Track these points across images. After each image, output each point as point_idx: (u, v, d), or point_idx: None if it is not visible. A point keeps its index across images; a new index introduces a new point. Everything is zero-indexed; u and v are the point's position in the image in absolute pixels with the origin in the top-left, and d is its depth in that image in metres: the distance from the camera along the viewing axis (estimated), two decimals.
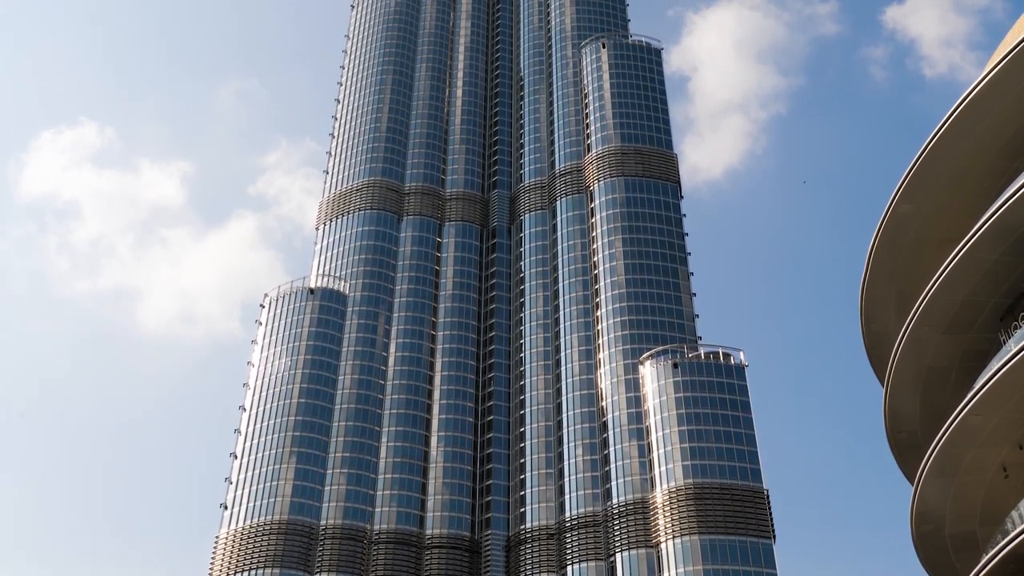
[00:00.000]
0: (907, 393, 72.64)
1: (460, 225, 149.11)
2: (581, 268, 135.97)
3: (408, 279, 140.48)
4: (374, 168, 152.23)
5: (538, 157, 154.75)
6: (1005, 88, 62.24)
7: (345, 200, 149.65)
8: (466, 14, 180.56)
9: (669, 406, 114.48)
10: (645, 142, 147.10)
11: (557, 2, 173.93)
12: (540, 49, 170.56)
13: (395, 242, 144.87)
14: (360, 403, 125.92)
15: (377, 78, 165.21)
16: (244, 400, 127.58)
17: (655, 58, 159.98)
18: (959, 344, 68.49)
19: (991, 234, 61.25)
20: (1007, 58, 60.66)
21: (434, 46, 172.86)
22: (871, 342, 79.90)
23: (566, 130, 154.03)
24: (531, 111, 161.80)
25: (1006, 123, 64.79)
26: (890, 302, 75.50)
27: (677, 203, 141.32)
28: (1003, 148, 66.39)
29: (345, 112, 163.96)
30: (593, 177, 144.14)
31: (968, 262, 62.84)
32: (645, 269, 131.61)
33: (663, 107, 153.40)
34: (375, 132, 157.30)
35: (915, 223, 70.70)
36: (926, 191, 68.81)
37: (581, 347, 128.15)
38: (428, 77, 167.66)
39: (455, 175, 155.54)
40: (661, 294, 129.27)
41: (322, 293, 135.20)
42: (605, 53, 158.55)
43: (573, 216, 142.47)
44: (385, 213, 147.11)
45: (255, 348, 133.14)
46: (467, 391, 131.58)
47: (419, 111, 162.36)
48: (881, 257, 73.09)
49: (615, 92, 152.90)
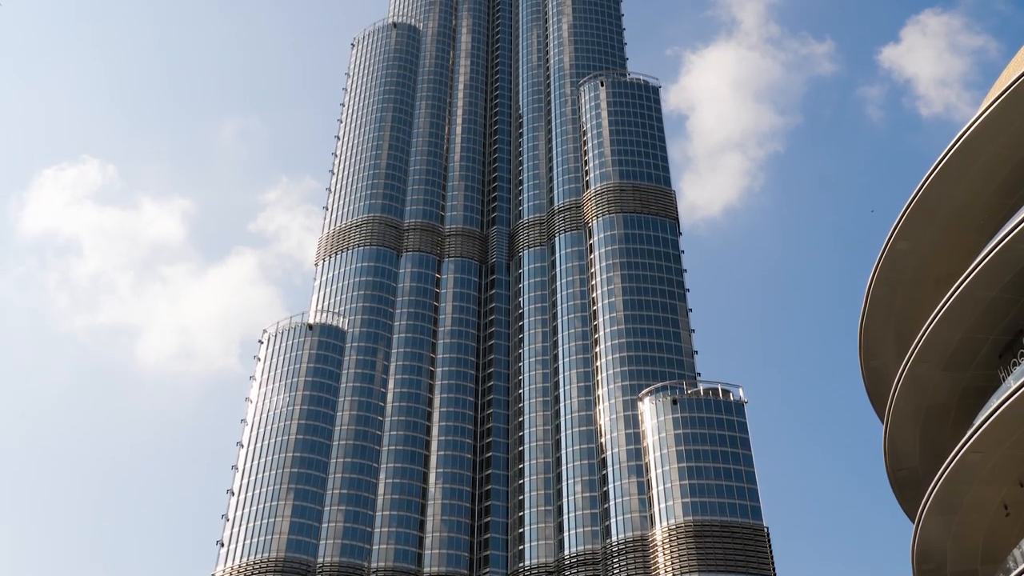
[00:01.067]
0: (907, 430, 72.43)
1: (459, 261, 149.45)
2: (580, 304, 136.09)
3: (407, 315, 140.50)
4: (374, 204, 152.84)
5: (537, 193, 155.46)
6: (1000, 127, 62.73)
7: (345, 236, 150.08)
8: (466, 52, 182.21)
9: (668, 443, 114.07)
10: (643, 179, 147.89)
11: (556, 41, 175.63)
12: (539, 87, 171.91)
13: (394, 278, 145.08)
14: (358, 439, 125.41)
15: (377, 115, 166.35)
16: (242, 436, 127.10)
17: (653, 96, 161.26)
18: (958, 381, 68.40)
19: (988, 271, 61.41)
20: (1001, 97, 61.22)
21: (434, 84, 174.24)
22: (870, 379, 79.79)
23: (565, 167, 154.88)
24: (530, 148, 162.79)
25: (1001, 161, 65.22)
26: (889, 339, 75.50)
27: (676, 239, 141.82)
28: (999, 186, 66.76)
29: (345, 149, 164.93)
30: (592, 213, 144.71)
31: (966, 299, 62.93)
32: (644, 305, 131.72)
33: (661, 144, 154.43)
34: (375, 169, 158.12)
35: (912, 260, 70.89)
36: (923, 229, 69.08)
37: (580, 383, 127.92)
38: (428, 114, 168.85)
39: (454, 211, 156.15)
40: (660, 330, 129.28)
41: (321, 329, 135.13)
42: (603, 91, 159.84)
43: (572, 252, 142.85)
44: (384, 249, 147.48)
45: (253, 384, 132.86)
46: (466, 427, 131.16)
47: (419, 148, 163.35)
48: (879, 294, 73.19)
49: (613, 129, 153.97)
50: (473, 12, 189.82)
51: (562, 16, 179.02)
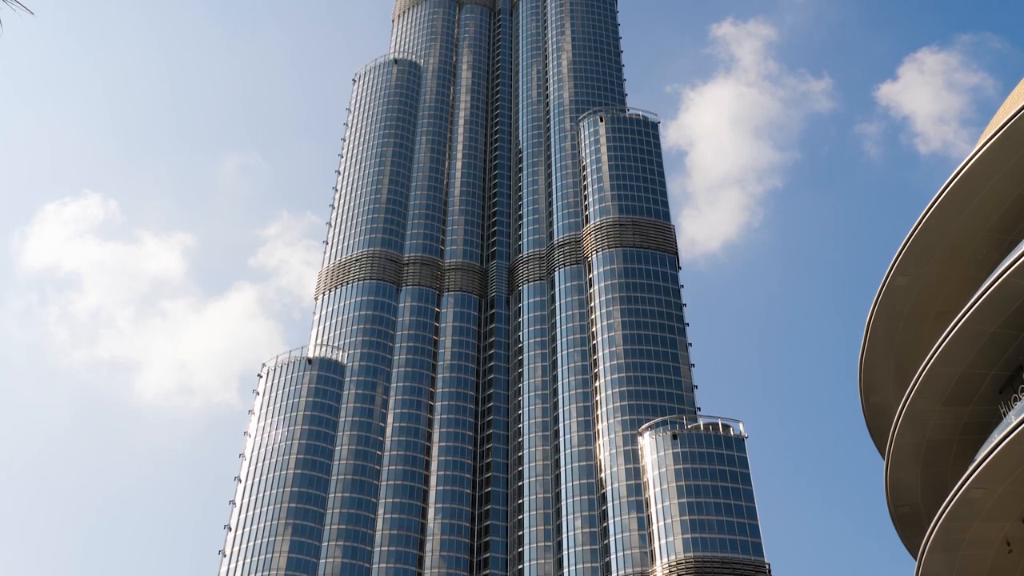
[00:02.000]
0: (908, 466, 72.15)
1: (459, 295, 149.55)
2: (579, 339, 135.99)
3: (406, 349, 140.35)
4: (374, 239, 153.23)
5: (536, 228, 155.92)
6: (997, 163, 63.13)
7: (344, 270, 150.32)
8: (466, 88, 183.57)
9: (668, 478, 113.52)
10: (643, 213, 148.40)
11: (556, 77, 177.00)
12: (539, 122, 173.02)
13: (394, 312, 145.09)
14: (357, 474, 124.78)
15: (378, 150, 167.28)
16: (240, 471, 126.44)
17: (652, 131, 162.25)
18: (959, 417, 68.24)
19: (988, 306, 61.48)
20: (998, 134, 61.68)
21: (434, 119, 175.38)
22: (871, 414, 79.61)
23: (564, 201, 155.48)
24: (530, 183, 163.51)
25: (999, 197, 65.55)
26: (889, 374, 75.42)
27: (675, 274, 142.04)
28: (997, 221, 67.04)
29: (346, 183, 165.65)
30: (591, 248, 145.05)
31: (965, 334, 62.95)
32: (643, 340, 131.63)
33: (660, 179, 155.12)
34: (375, 203, 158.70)
35: (912, 295, 71.02)
36: (922, 264, 69.27)
37: (580, 418, 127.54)
38: (428, 149, 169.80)
39: (454, 245, 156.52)
40: (660, 365, 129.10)
41: (320, 363, 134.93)
42: (603, 126, 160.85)
43: (571, 287, 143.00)
44: (384, 283, 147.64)
45: (252, 418, 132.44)
46: (465, 462, 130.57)
47: (419, 182, 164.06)
48: (878, 329, 73.23)
49: (613, 164, 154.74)
50: (473, 48, 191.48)
51: (562, 52, 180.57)
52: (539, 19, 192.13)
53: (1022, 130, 61.32)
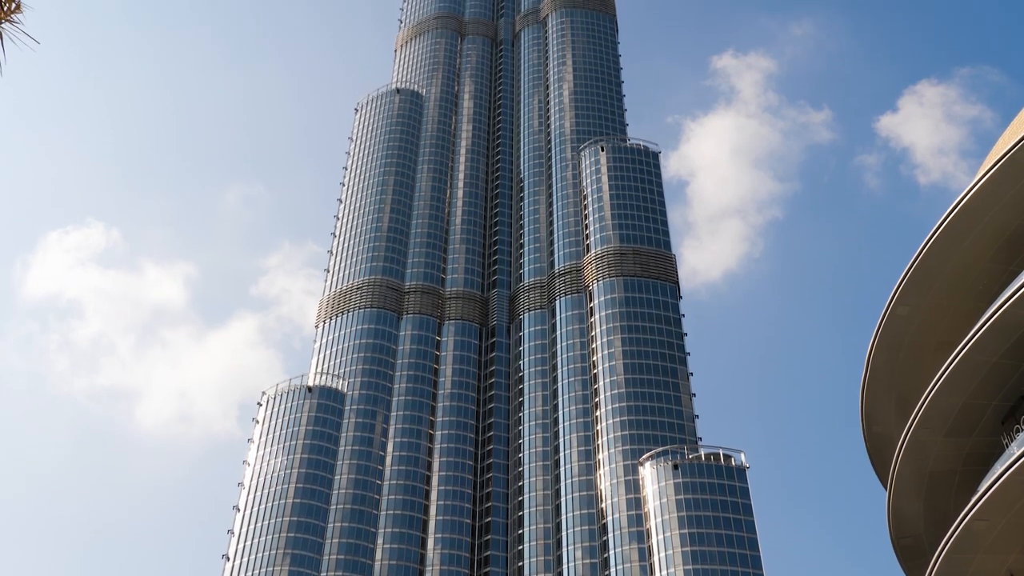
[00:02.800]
0: (910, 497, 71.74)
1: (459, 324, 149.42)
2: (580, 368, 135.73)
3: (407, 377, 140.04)
4: (375, 267, 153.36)
5: (537, 257, 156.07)
6: (997, 194, 63.30)
7: (345, 298, 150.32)
8: (468, 117, 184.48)
9: (670, 508, 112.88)
10: (644, 243, 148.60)
11: (557, 107, 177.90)
12: (540, 151, 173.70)
13: (394, 340, 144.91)
14: (356, 504, 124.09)
15: (380, 179, 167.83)
16: (238, 500, 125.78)
17: (653, 160, 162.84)
18: (961, 448, 67.93)
19: (989, 336, 61.41)
20: (997, 165, 61.91)
21: (436, 148, 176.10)
22: (872, 445, 79.25)
23: (565, 230, 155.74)
24: (531, 211, 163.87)
25: (1000, 227, 65.65)
26: (890, 404, 75.16)
27: (676, 303, 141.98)
28: (998, 251, 67.10)
29: (347, 212, 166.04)
30: (592, 277, 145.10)
31: (967, 365, 62.81)
32: (644, 369, 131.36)
33: (661, 208, 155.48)
34: (376, 231, 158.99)
35: (913, 325, 70.92)
36: (923, 293, 69.24)
37: (580, 447, 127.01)
38: (430, 178, 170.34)
39: (455, 274, 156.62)
40: (661, 394, 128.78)
41: (320, 391, 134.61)
42: (604, 156, 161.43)
43: (572, 315, 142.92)
44: (385, 311, 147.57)
45: (251, 447, 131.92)
46: (465, 492, 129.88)
47: (420, 211, 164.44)
48: (879, 359, 73.07)
49: (614, 193, 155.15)
50: (475, 78, 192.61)
51: (563, 82, 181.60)
52: (540, 49, 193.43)
53: (1021, 161, 61.56)
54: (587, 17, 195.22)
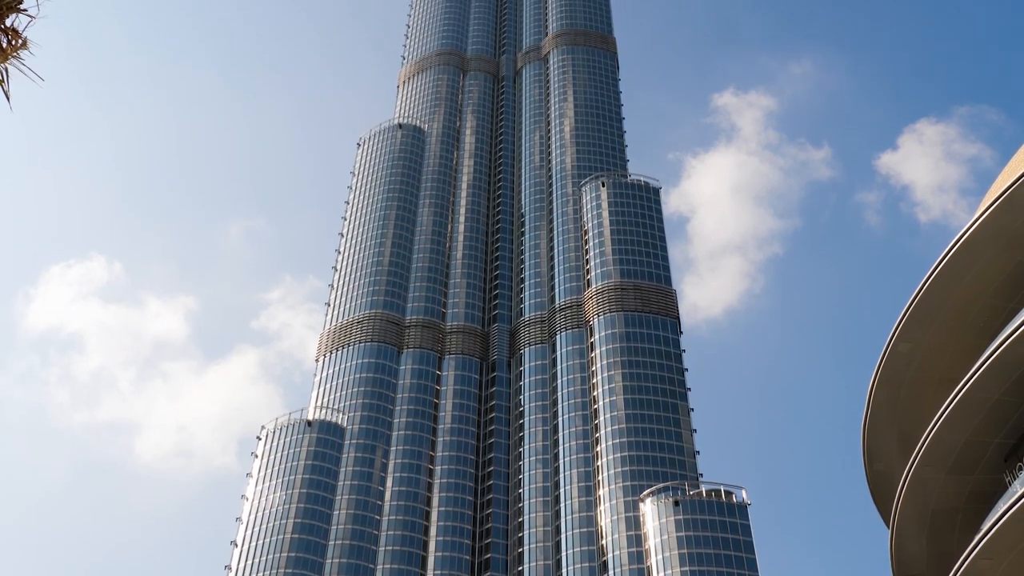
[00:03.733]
0: (913, 535, 71.23)
1: (460, 358, 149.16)
2: (581, 403, 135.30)
3: (407, 412, 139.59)
4: (375, 301, 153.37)
5: (538, 292, 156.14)
6: (996, 231, 63.48)
7: (346, 332, 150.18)
8: (469, 152, 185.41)
9: (671, 545, 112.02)
10: (644, 278, 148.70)
11: (558, 142, 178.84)
12: (541, 187, 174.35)
13: (394, 375, 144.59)
14: (355, 539, 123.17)
15: (381, 213, 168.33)
16: (236, 535, 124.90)
17: (653, 196, 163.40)
18: (964, 485, 67.54)
19: (990, 373, 61.28)
20: (997, 202, 62.14)
21: (437, 183, 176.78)
22: (875, 482, 78.82)
23: (566, 265, 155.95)
24: (532, 246, 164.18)
25: (1000, 264, 65.75)
26: (892, 442, 74.84)
27: (677, 338, 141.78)
28: (998, 288, 67.14)
29: (349, 246, 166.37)
30: (593, 312, 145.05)
31: (969, 402, 62.63)
32: (645, 404, 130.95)
33: (662, 244, 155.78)
34: (377, 266, 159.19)
35: (914, 362, 70.80)
36: (924, 330, 69.19)
37: (581, 483, 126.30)
38: (431, 212, 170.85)
39: (456, 308, 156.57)
40: (662, 430, 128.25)
41: (320, 425, 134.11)
42: (605, 191, 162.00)
43: (573, 350, 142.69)
44: (385, 346, 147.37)
45: (250, 481, 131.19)
46: (464, 528, 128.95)
47: (421, 245, 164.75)
48: (881, 396, 72.88)
49: (615, 229, 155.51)
50: (477, 114, 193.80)
51: (564, 118, 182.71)
52: (542, 86, 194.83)
53: (1020, 198, 61.79)
54: (588, 55, 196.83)
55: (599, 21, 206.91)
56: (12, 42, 13.00)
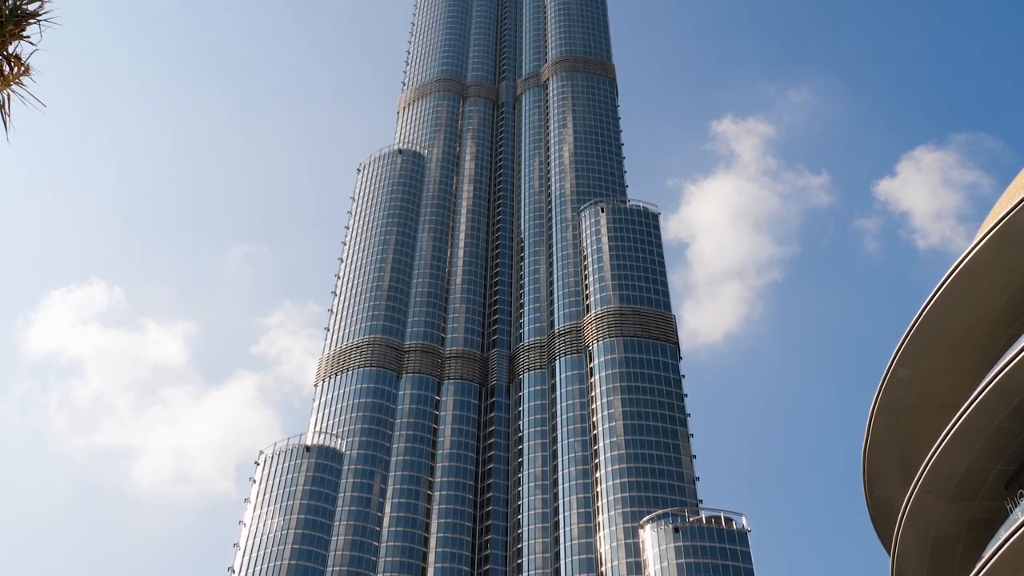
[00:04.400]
0: (914, 563, 70.77)
1: (459, 383, 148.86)
2: (580, 428, 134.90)
3: (405, 437, 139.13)
4: (375, 326, 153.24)
5: (538, 317, 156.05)
6: (995, 257, 63.55)
7: (345, 357, 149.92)
8: (469, 178, 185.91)
9: (670, 572, 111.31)
10: (644, 303, 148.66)
11: (557, 168, 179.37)
12: (540, 212, 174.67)
13: (393, 400, 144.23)
14: (353, 566, 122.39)
15: (381, 238, 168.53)
16: (234, 561, 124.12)
17: (652, 222, 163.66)
18: (965, 512, 67.19)
19: (991, 399, 61.13)
20: (996, 227, 62.26)
21: (437, 208, 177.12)
22: (875, 509, 78.42)
23: (565, 290, 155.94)
24: (531, 271, 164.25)
25: (999, 290, 65.78)
26: (892, 468, 74.53)
27: (676, 364, 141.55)
28: (998, 314, 67.12)
29: (348, 271, 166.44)
30: (592, 337, 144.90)
31: (969, 428, 62.43)
32: (645, 430, 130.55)
33: (661, 269, 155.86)
34: (377, 291, 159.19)
35: (914, 388, 70.64)
36: (923, 356, 69.09)
37: (580, 509, 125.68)
38: (431, 237, 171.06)
39: (455, 333, 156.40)
40: (661, 456, 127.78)
41: (318, 450, 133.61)
42: (604, 216, 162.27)
43: (572, 376, 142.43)
44: (384, 371, 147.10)
45: (248, 507, 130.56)
46: (463, 554, 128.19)
47: (421, 270, 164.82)
48: (881, 422, 72.66)
49: (614, 254, 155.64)
50: (477, 139, 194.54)
51: (563, 144, 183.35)
52: (541, 112, 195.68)
53: (1019, 224, 61.92)
54: (587, 81, 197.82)
55: (598, 48, 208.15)
56: (14, 69, 13.06)
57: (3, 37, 12.92)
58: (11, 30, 12.96)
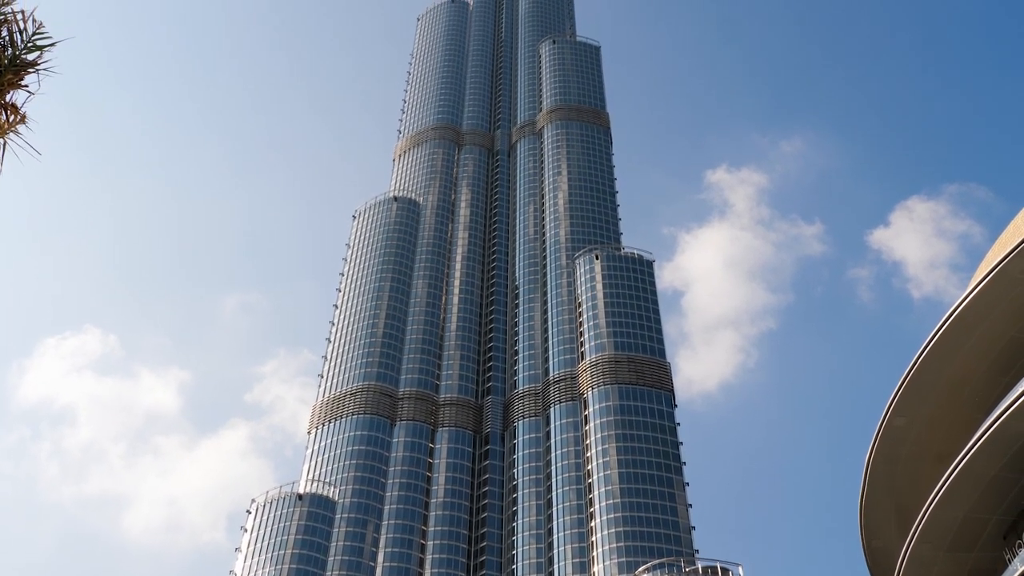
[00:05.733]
0: None
1: (453, 431, 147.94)
2: (575, 477, 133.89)
3: (399, 485, 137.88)
4: (369, 373, 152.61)
5: (532, 364, 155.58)
6: (988, 306, 63.73)
7: (339, 404, 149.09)
8: (464, 225, 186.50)
9: None
10: (638, 351, 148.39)
11: (552, 215, 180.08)
12: (535, 259, 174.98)
13: (387, 447, 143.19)
14: None
15: (375, 285, 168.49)
16: None
17: (647, 269, 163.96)
18: (963, 563, 66.58)
19: (988, 448, 60.86)
20: (989, 276, 62.46)
21: (432, 255, 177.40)
22: (873, 559, 77.72)
23: (560, 337, 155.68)
24: (526, 318, 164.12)
25: (994, 338, 65.86)
26: (890, 517, 74.00)
27: (671, 411, 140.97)
28: (993, 362, 67.13)
29: (343, 317, 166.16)
30: (587, 384, 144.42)
31: (966, 477, 62.08)
32: (640, 479, 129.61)
33: (656, 316, 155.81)
34: (371, 337, 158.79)
35: (910, 437, 70.41)
36: (920, 404, 68.96)
37: (575, 559, 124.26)
38: (425, 284, 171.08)
39: (449, 381, 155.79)
40: (656, 504, 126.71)
41: (310, 499, 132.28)
42: (599, 264, 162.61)
43: (567, 423, 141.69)
44: (378, 418, 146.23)
45: (239, 556, 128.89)
46: None
47: (415, 317, 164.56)
48: (878, 471, 72.30)
49: (609, 301, 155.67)
50: (472, 187, 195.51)
51: (558, 192, 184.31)
52: (536, 160, 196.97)
53: (1012, 273, 62.16)
54: (582, 129, 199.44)
55: (593, 97, 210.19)
56: (10, 118, 13.10)
57: (1, 86, 12.97)
58: (9, 79, 13.02)
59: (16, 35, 13.23)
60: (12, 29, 13.25)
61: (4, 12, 13.28)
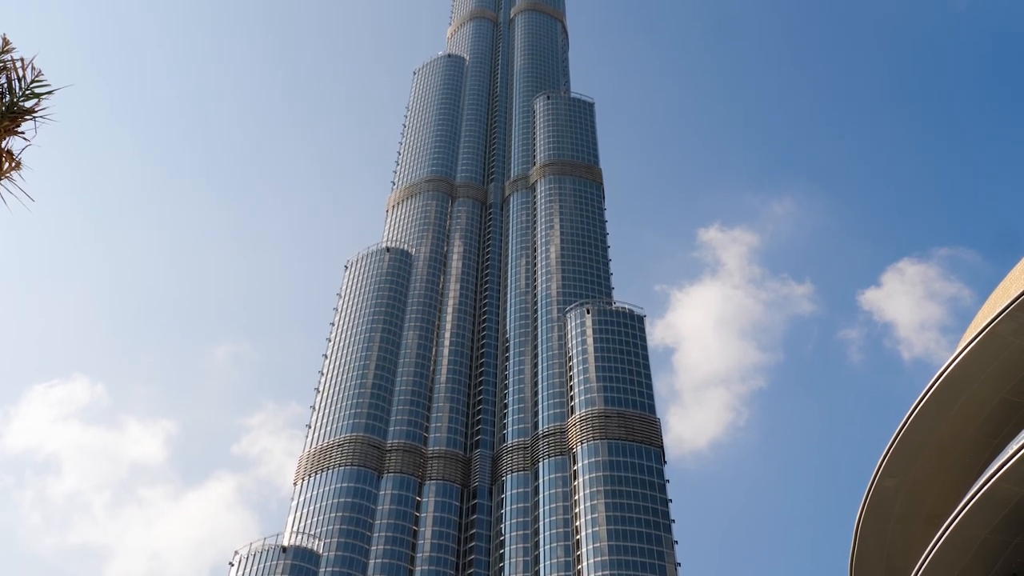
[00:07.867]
0: None
1: (441, 484, 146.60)
2: (563, 532, 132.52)
3: (385, 539, 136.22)
4: (357, 424, 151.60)
5: (522, 418, 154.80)
6: (977, 368, 63.86)
7: (325, 455, 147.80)
8: (456, 277, 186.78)
9: None
10: (628, 406, 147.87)
11: (544, 269, 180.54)
12: (526, 312, 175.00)
13: (373, 500, 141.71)
14: None
15: (366, 335, 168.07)
16: None
17: (638, 324, 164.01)
18: None
19: (977, 511, 60.51)
20: (978, 338, 62.67)
21: (423, 306, 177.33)
22: None
23: (550, 392, 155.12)
24: (516, 372, 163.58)
25: (983, 400, 65.86)
26: None
27: (660, 468, 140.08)
28: (983, 423, 67.06)
29: (332, 368, 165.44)
30: (576, 439, 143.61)
31: (957, 539, 61.63)
32: (629, 536, 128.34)
33: (646, 372, 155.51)
34: (360, 388, 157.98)
35: (900, 497, 70.03)
36: (910, 465, 68.70)
37: None
38: (416, 336, 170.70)
39: (438, 433, 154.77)
40: (645, 563, 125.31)
41: (295, 552, 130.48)
42: (590, 318, 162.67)
43: (556, 478, 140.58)
44: (365, 470, 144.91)
45: None
46: None
47: (405, 368, 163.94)
48: (868, 532, 71.77)
49: (599, 356, 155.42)
50: (465, 239, 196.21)
51: (550, 246, 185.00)
52: (529, 213, 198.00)
53: (1001, 334, 62.39)
54: (575, 184, 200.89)
55: (586, 152, 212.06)
56: (5, 164, 13.15)
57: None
58: (6, 126, 13.09)
59: (15, 82, 13.33)
60: (11, 76, 13.35)
61: (3, 59, 13.39)
